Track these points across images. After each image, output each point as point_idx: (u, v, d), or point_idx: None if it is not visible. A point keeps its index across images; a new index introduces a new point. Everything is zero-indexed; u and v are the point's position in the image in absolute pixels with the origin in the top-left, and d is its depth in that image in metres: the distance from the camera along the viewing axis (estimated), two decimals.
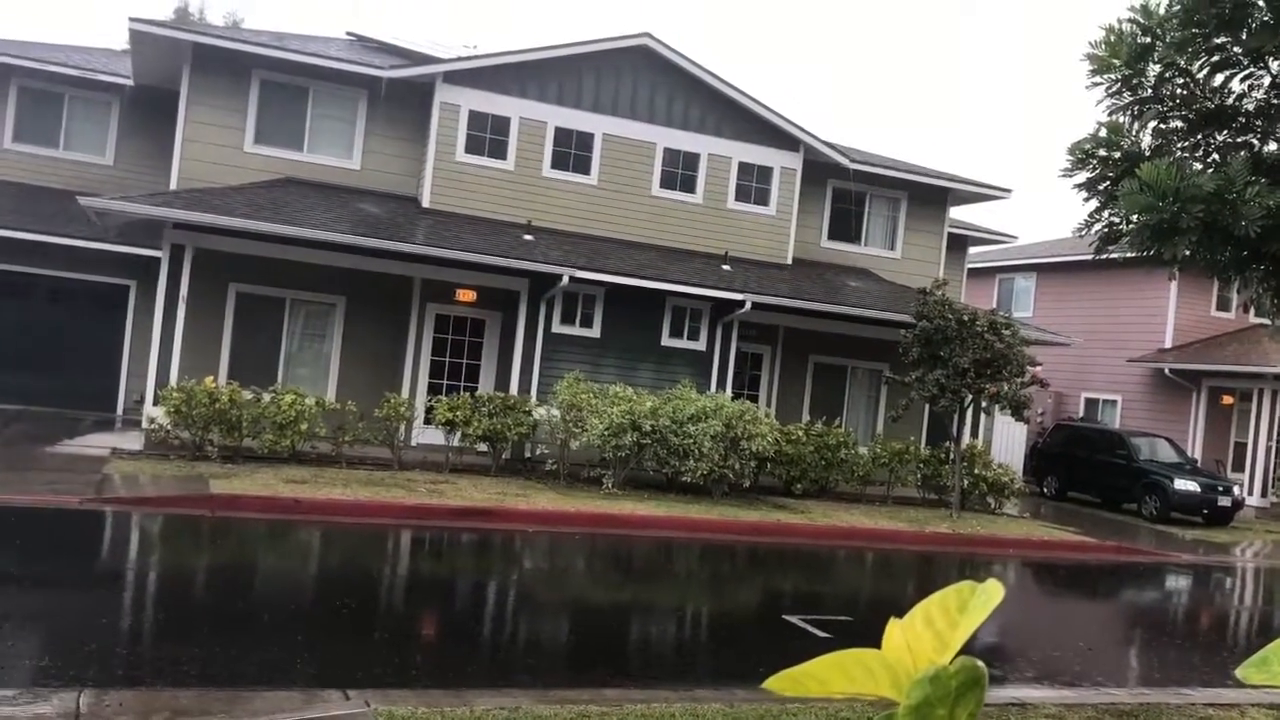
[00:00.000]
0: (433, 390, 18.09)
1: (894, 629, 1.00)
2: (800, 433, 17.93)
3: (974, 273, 28.67)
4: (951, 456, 18.24)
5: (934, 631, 1.00)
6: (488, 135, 19.04)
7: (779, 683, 0.98)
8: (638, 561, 13.27)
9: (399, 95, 18.88)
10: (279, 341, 18.16)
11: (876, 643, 0.98)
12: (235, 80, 18.15)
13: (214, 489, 12.66)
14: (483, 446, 16.65)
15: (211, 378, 15.64)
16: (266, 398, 15.48)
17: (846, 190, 22.17)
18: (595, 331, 18.30)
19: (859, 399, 21.60)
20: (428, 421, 16.99)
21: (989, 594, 0.99)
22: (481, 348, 19.01)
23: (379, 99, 18.83)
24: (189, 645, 7.10)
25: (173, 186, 17.65)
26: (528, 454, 17.54)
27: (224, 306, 17.70)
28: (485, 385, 18.48)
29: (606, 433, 15.58)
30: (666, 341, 18.74)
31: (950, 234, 23.54)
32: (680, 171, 20.21)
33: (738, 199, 20.59)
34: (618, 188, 19.79)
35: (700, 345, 18.85)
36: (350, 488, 13.65)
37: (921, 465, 18.76)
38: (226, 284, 17.63)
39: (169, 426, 14.95)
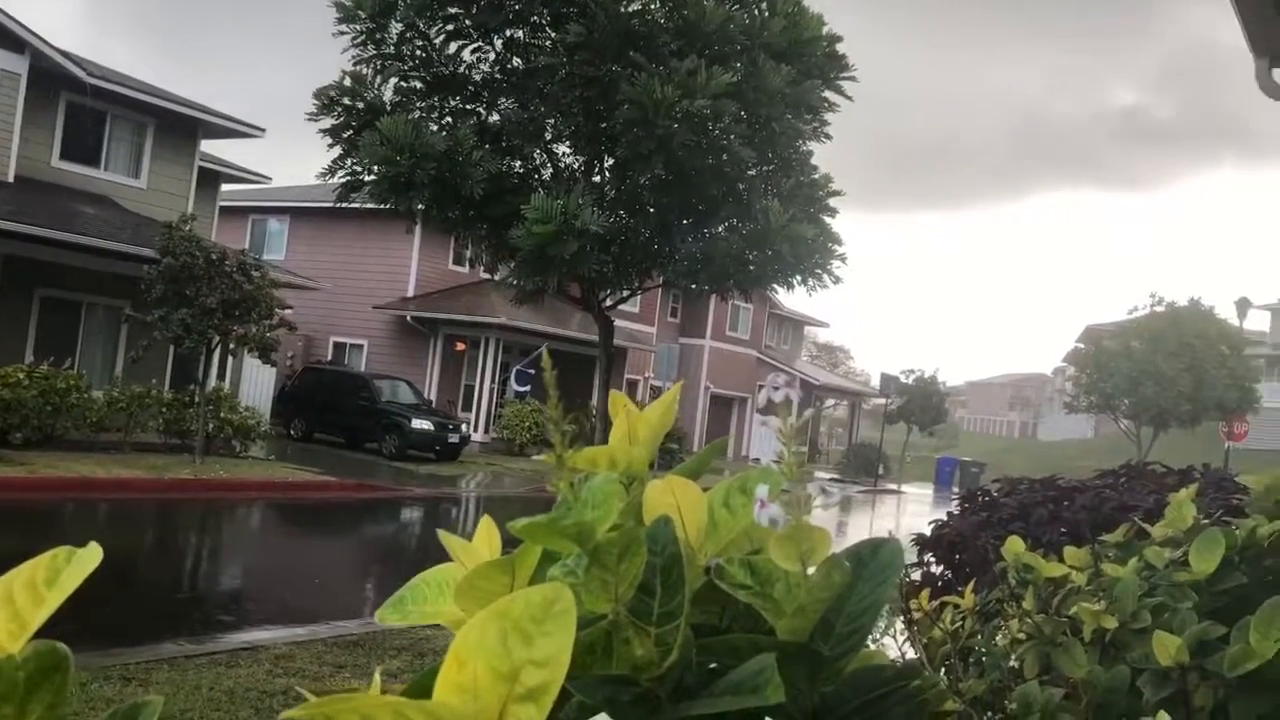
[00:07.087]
0: None
1: None
2: (22, 375, 15.95)
3: (226, 211, 27.79)
4: (196, 400, 17.59)
5: (13, 612, 0.82)
6: None
7: None
8: None
9: None
10: None
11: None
12: None
13: None
14: None
15: None
16: None
17: (85, 108, 19.94)
18: None
19: (96, 338, 19.71)
20: None
21: (85, 560, 0.84)
22: None
23: None
24: None
25: None
26: None
27: None
28: None
29: None
30: None
31: (202, 169, 22.49)
32: None
33: None
34: None
35: None
36: None
37: (164, 410, 17.94)
38: None
39: None
